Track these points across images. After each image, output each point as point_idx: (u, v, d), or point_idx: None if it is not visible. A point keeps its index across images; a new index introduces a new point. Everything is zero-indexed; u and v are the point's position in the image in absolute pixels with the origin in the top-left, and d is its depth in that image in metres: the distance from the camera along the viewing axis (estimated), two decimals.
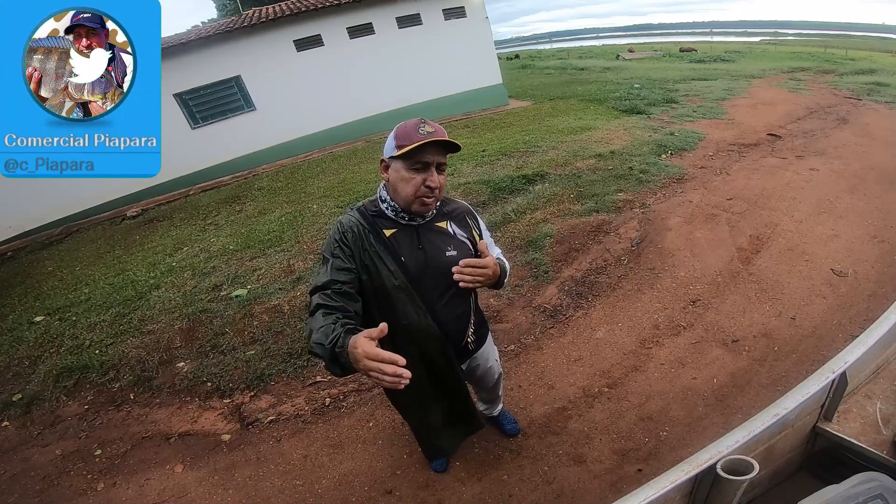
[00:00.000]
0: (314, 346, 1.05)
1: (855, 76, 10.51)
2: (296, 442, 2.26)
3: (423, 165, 1.15)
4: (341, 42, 8.91)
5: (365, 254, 1.22)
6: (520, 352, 2.64)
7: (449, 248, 1.28)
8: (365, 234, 1.22)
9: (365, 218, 1.25)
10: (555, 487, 1.87)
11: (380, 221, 1.25)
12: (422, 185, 1.16)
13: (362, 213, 1.26)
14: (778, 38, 29.25)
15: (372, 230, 1.23)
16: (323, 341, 1.02)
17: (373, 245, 1.22)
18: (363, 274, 1.22)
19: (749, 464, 0.77)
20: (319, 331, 1.05)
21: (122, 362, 2.95)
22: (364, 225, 1.23)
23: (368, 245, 1.22)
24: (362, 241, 1.22)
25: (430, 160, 1.15)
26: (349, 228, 1.23)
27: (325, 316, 1.09)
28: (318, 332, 1.05)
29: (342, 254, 1.20)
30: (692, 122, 6.87)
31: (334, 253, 1.21)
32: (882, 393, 1.09)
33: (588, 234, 3.74)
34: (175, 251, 4.87)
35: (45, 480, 2.22)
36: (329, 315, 1.09)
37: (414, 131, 1.13)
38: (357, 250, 1.21)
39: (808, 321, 2.61)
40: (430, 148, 1.13)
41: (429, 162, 1.15)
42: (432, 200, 1.20)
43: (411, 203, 1.19)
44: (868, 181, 4.35)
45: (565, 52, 29.03)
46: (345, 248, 1.21)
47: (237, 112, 8.59)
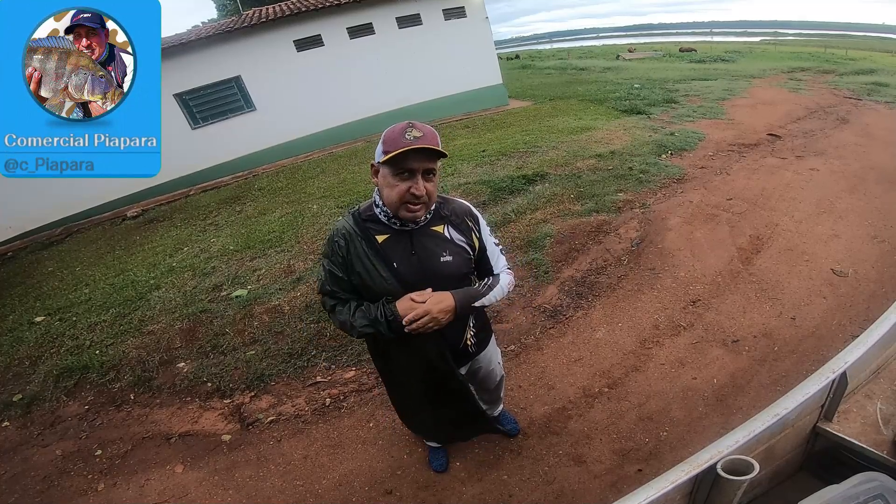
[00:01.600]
0: (363, 329, 1.23)
1: (855, 76, 10.51)
2: (296, 442, 2.26)
3: (409, 172, 1.12)
4: (341, 42, 8.92)
5: (357, 261, 1.22)
6: (520, 352, 2.64)
7: (444, 254, 1.25)
8: (357, 240, 1.22)
9: (358, 224, 1.24)
10: (555, 487, 1.87)
11: (373, 227, 1.24)
12: (406, 192, 1.13)
13: (356, 219, 1.25)
14: (778, 38, 29.27)
15: (364, 237, 1.22)
16: (368, 321, 1.22)
17: (365, 252, 1.21)
18: (355, 279, 1.24)
19: (749, 464, 0.77)
20: (356, 317, 1.24)
21: (123, 362, 2.95)
22: (356, 231, 1.23)
23: (361, 252, 1.22)
24: (355, 247, 1.22)
25: (416, 167, 1.11)
26: (342, 235, 1.24)
27: (346, 306, 1.27)
28: (357, 318, 1.23)
29: (335, 263, 1.25)
30: (692, 122, 6.87)
31: (330, 261, 1.26)
32: (882, 393, 1.09)
33: (588, 235, 3.73)
34: (175, 251, 4.87)
35: (46, 480, 2.22)
36: (349, 303, 1.27)
37: (400, 136, 1.09)
38: (350, 257, 1.23)
39: (809, 321, 2.61)
40: (416, 154, 1.09)
41: (414, 169, 1.11)
42: (419, 208, 1.17)
43: (397, 210, 1.17)
44: (868, 181, 4.35)
45: (565, 52, 29.04)
46: (337, 257, 1.24)
47: (237, 112, 8.59)
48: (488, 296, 1.31)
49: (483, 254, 1.35)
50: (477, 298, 1.29)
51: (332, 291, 1.29)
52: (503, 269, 1.39)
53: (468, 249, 1.30)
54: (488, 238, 1.36)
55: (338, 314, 1.29)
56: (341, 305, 1.29)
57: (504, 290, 1.36)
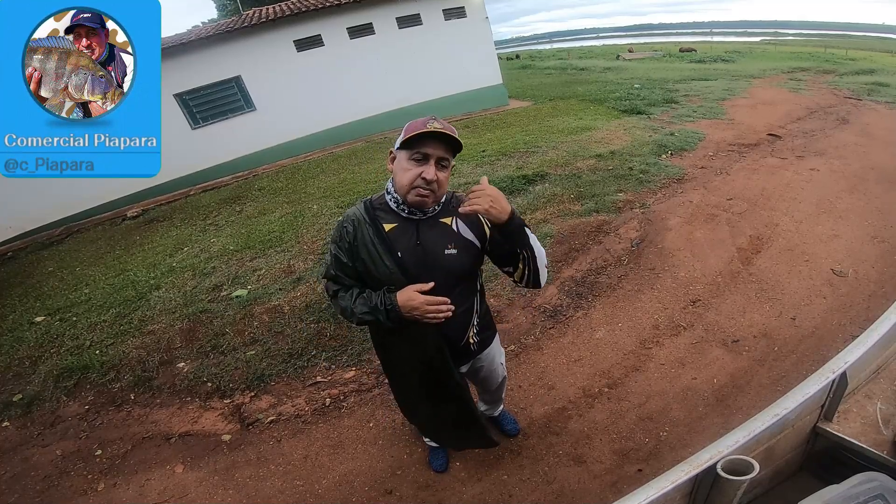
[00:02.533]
0: (362, 316, 1.25)
1: (855, 76, 10.52)
2: (296, 442, 2.26)
3: (423, 157, 1.15)
4: (341, 42, 8.92)
5: (364, 248, 1.24)
6: (520, 352, 2.64)
7: (449, 246, 1.25)
8: (365, 227, 1.24)
9: (368, 212, 1.26)
10: (555, 487, 1.87)
11: (381, 215, 1.26)
12: (418, 176, 1.16)
13: (367, 207, 1.28)
14: (778, 38, 29.30)
15: (372, 224, 1.24)
16: (368, 308, 1.24)
17: (372, 240, 1.23)
18: (360, 266, 1.27)
19: (749, 464, 0.77)
20: (357, 303, 1.26)
21: (123, 362, 2.95)
22: (365, 218, 1.25)
23: (368, 239, 1.24)
24: (362, 234, 1.24)
25: (431, 153, 1.15)
26: (351, 221, 1.26)
27: (349, 293, 1.29)
28: (358, 304, 1.26)
29: (341, 249, 1.28)
30: (692, 122, 6.87)
31: (338, 246, 1.29)
32: (882, 393, 1.09)
33: (588, 235, 3.73)
34: (175, 251, 4.87)
35: (46, 481, 2.22)
36: (352, 290, 1.29)
37: (422, 125, 1.14)
38: (356, 244, 1.25)
39: (809, 321, 2.61)
40: (432, 141, 1.14)
41: (429, 154, 1.15)
42: (428, 194, 1.18)
43: (407, 193, 1.19)
44: (868, 181, 4.35)
45: (565, 52, 29.07)
46: (344, 243, 1.27)
47: (237, 112, 8.59)
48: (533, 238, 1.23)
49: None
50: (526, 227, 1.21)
51: (336, 276, 1.32)
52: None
53: (476, 244, 1.29)
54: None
55: (340, 300, 1.32)
56: (344, 291, 1.31)
57: (541, 252, 1.26)
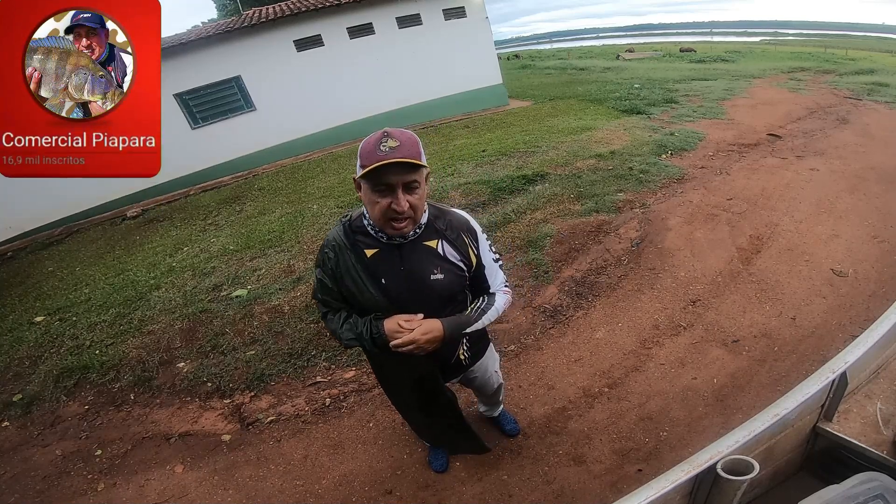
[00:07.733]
0: (349, 342, 1.23)
1: (855, 76, 10.50)
2: (296, 442, 2.26)
3: (388, 187, 1.04)
4: (341, 42, 8.91)
5: (347, 274, 1.19)
6: (520, 352, 2.64)
7: (435, 271, 1.18)
8: (347, 254, 1.18)
9: (348, 237, 1.18)
10: (555, 487, 1.87)
11: (362, 240, 1.18)
12: (388, 208, 1.06)
13: (346, 231, 1.19)
14: (778, 38, 29.27)
15: (353, 250, 1.17)
16: (354, 335, 1.21)
17: (354, 266, 1.17)
18: (345, 291, 1.22)
19: (749, 464, 0.77)
20: (344, 329, 1.23)
21: (123, 362, 2.95)
22: (346, 244, 1.18)
23: (350, 265, 1.18)
24: (344, 260, 1.18)
25: (394, 181, 1.03)
26: (332, 247, 1.19)
27: (337, 315, 1.27)
28: (344, 330, 1.23)
29: (325, 274, 1.23)
30: (692, 122, 6.87)
31: (322, 271, 1.24)
32: (882, 393, 1.09)
33: (588, 235, 3.73)
34: (175, 251, 4.87)
35: (46, 481, 2.22)
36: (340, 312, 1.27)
37: (374, 149, 1.01)
38: (339, 270, 1.19)
39: (809, 321, 2.61)
40: (393, 168, 1.00)
41: (392, 184, 1.03)
42: (404, 224, 1.10)
43: (382, 226, 1.12)
44: (868, 181, 4.35)
45: (565, 52, 29.03)
46: (327, 269, 1.22)
47: (237, 112, 8.58)
48: (481, 320, 1.26)
49: (480, 270, 1.27)
50: (468, 325, 1.25)
51: (323, 300, 1.28)
52: (500, 288, 1.31)
53: (462, 267, 1.22)
54: (487, 254, 1.28)
55: (329, 322, 1.29)
56: (332, 314, 1.28)
57: (499, 311, 1.29)
